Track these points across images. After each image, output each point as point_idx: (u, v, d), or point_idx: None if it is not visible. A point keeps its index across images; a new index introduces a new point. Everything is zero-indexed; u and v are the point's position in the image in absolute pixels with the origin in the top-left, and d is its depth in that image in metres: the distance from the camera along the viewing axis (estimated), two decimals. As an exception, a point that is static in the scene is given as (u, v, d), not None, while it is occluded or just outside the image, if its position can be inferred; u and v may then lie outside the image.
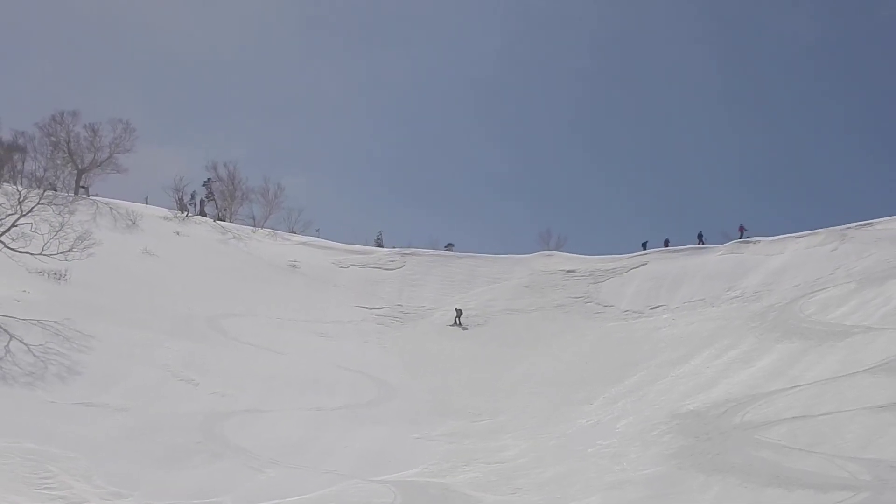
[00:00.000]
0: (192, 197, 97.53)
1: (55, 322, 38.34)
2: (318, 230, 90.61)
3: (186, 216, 74.83)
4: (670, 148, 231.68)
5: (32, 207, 43.14)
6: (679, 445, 30.67)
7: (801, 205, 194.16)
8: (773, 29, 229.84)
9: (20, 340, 35.47)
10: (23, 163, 74.22)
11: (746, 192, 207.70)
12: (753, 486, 24.87)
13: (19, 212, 42.32)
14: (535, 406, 41.30)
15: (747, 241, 63.89)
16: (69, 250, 42.89)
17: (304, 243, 74.34)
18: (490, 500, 27.54)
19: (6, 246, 41.39)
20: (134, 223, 64.34)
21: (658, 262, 63.43)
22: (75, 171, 76.31)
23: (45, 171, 59.70)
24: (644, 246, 69.71)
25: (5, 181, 57.68)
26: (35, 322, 37.75)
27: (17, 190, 46.61)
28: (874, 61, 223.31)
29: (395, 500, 27.03)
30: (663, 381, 41.44)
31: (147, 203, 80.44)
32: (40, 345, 35.70)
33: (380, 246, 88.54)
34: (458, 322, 57.19)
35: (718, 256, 61.81)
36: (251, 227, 79.75)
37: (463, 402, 42.62)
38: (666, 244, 68.82)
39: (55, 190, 61.64)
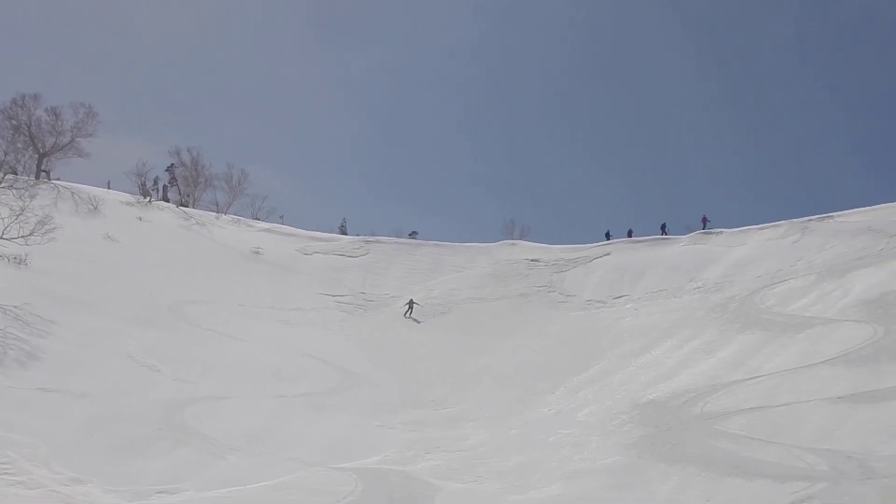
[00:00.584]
0: (155, 182, 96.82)
1: (15, 307, 37.89)
2: (281, 217, 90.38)
3: (149, 202, 74.21)
4: (634, 140, 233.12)
5: (-7, 191, 42.67)
6: (639, 435, 30.85)
7: (763, 197, 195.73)
8: (739, 24, 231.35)
9: (-22, 325, 35.09)
10: (-17, 146, 73.40)
11: (710, 184, 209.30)
12: (712, 476, 25.05)
13: (-21, 195, 41.84)
14: (497, 395, 41.41)
15: (710, 233, 64.28)
16: (30, 234, 42.46)
17: (267, 230, 74.01)
18: (451, 488, 27.56)
19: (-34, 230, 40.94)
20: (96, 208, 63.75)
21: (621, 253, 63.70)
22: (36, 155, 75.40)
23: (5, 154, 58.76)
24: (608, 236, 70.01)
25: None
26: (-6, 306, 37.35)
27: (-23, 174, 46.08)
28: (839, 56, 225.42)
29: (357, 487, 26.97)
30: (625, 371, 41.66)
31: (109, 188, 79.63)
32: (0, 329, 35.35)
33: (344, 233, 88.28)
34: (409, 314, 56.68)
35: (681, 247, 62.18)
36: (214, 214, 79.28)
37: (425, 390, 42.65)
38: (629, 234, 69.18)
39: (16, 174, 60.92)
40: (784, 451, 25.84)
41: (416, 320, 54.58)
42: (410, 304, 56.62)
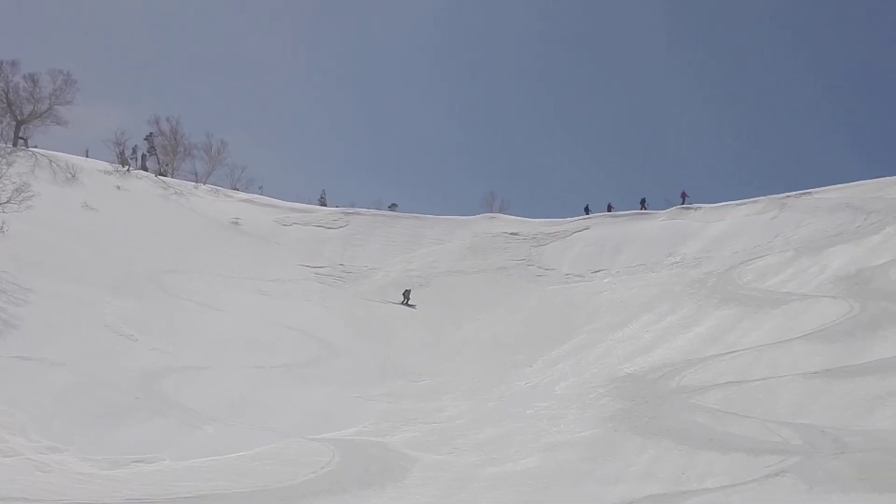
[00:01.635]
0: (134, 151, 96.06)
1: (-9, 275, 37.70)
2: (260, 187, 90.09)
3: (127, 170, 73.48)
4: (615, 114, 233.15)
5: (-31, 158, 42.28)
6: (616, 408, 31.01)
7: (742, 173, 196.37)
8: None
9: (-46, 293, 34.89)
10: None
11: (690, 159, 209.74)
12: (688, 450, 25.22)
13: (-45, 162, 41.46)
14: (474, 368, 41.51)
15: (689, 208, 64.34)
16: (6, 202, 42.15)
17: (246, 200, 73.63)
18: (428, 460, 27.64)
19: (-59, 197, 40.58)
20: (74, 176, 63.19)
21: (600, 227, 63.77)
22: (14, 122, 74.57)
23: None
24: (587, 210, 69.99)
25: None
26: (-30, 275, 37.12)
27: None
28: (819, 32, 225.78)
29: (334, 458, 27.03)
30: (602, 345, 41.83)
31: (87, 156, 79.02)
32: (-25, 298, 35.13)
33: (323, 205, 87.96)
34: (406, 302, 55.25)
35: (660, 222, 62.28)
36: (193, 184, 78.69)
37: (403, 362, 42.69)
38: (609, 209, 69.13)
39: (-8, 141, 60.37)
40: (759, 426, 26.03)
41: (411, 306, 54.10)
42: (406, 294, 55.31)
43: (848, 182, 59.71)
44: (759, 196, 61.76)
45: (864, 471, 20.81)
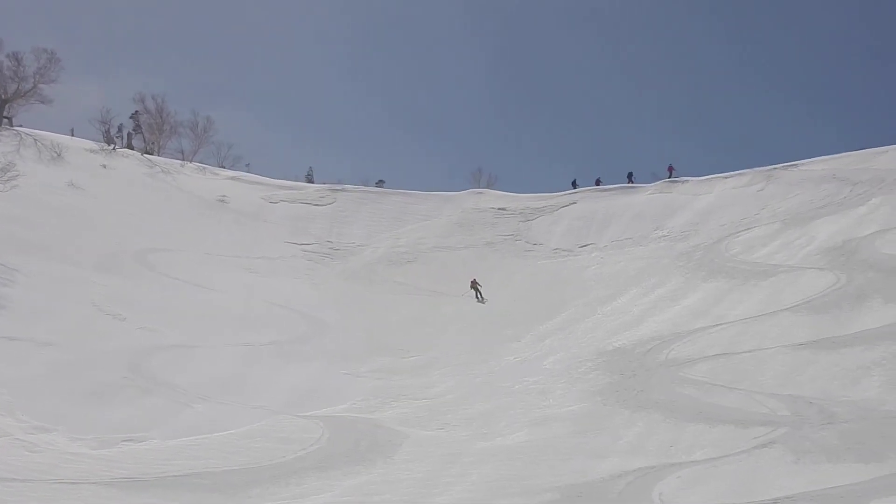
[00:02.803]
0: (120, 130, 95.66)
1: (-23, 255, 37.58)
2: (247, 165, 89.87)
3: (113, 149, 73.21)
4: (602, 87, 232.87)
5: (-47, 138, 42.05)
6: (605, 382, 31.11)
7: (729, 146, 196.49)
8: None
9: (-60, 274, 34.76)
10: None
11: (677, 132, 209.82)
12: (676, 422, 25.35)
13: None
14: (463, 343, 41.55)
15: (676, 181, 64.31)
16: (-8, 181, 42.01)
17: (233, 178, 73.40)
18: (418, 436, 27.71)
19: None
20: (59, 155, 62.86)
21: (587, 202, 63.75)
22: (-2, 101, 74.27)
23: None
24: (574, 184, 69.87)
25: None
26: (-45, 255, 37.00)
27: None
28: (804, 4, 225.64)
29: (324, 434, 27.07)
30: (590, 319, 41.91)
31: (73, 135, 78.59)
32: (-38, 278, 35.02)
33: (310, 182, 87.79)
34: (478, 296, 50.98)
35: (647, 196, 62.28)
36: (179, 162, 78.40)
37: (392, 339, 42.69)
38: (597, 183, 68.97)
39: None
40: (746, 397, 26.17)
41: (481, 300, 50.48)
42: (474, 285, 51.25)
43: (834, 153, 59.86)
44: (745, 168, 61.82)
45: (850, 440, 20.96)
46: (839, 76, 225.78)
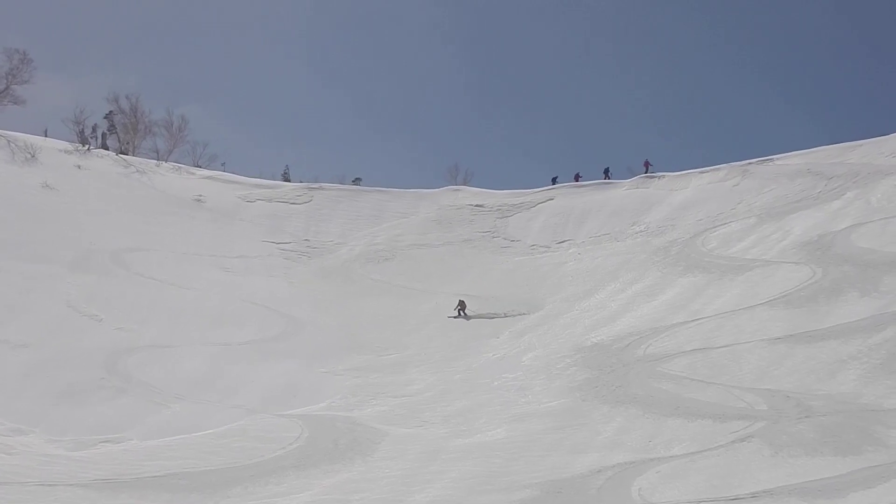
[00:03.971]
0: (94, 130, 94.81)
1: (-50, 256, 37.28)
2: (223, 164, 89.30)
3: (88, 149, 72.57)
4: (577, 82, 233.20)
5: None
6: (583, 378, 31.21)
7: (704, 141, 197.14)
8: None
9: (-87, 276, 34.47)
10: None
11: (652, 127, 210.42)
12: (655, 417, 25.46)
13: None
14: (441, 340, 41.53)
15: (652, 177, 64.37)
16: (-36, 183, 41.66)
17: (209, 177, 72.91)
18: (397, 433, 27.73)
19: None
20: (33, 156, 62.31)
21: (564, 197, 63.76)
22: (-30, 103, 73.61)
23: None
24: (554, 181, 69.80)
25: None
26: (-72, 257, 36.70)
27: None
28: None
29: (303, 433, 27.06)
30: (568, 315, 41.97)
31: (46, 136, 77.97)
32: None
33: (287, 180, 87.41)
34: (462, 314, 46.57)
35: (624, 191, 62.37)
36: (155, 161, 77.83)
37: (370, 336, 42.61)
38: (577, 178, 68.93)
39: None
40: (724, 392, 26.31)
41: (468, 317, 45.97)
42: (462, 305, 46.79)
43: (808, 148, 60.21)
44: (721, 163, 62.03)
45: (827, 434, 21.10)
46: (814, 70, 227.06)
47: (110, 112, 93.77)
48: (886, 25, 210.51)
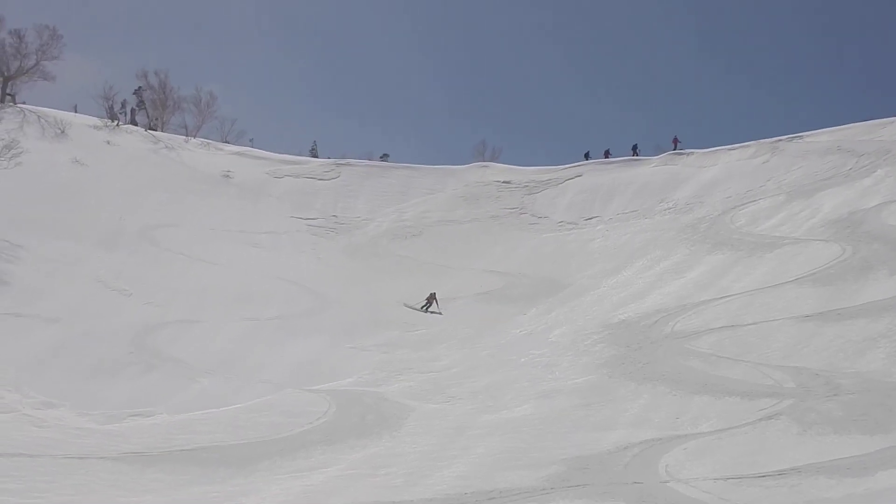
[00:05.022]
0: (123, 106, 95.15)
1: (-18, 232, 37.59)
2: (251, 140, 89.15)
3: (117, 125, 72.83)
4: (606, 59, 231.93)
5: (-43, 116, 41.94)
6: (610, 355, 31.16)
7: (734, 117, 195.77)
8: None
9: (-55, 250, 34.80)
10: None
11: (681, 104, 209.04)
12: (682, 394, 25.40)
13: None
14: (469, 317, 41.56)
15: (681, 154, 64.04)
16: (-4, 159, 41.97)
17: (237, 153, 73.02)
18: (424, 409, 27.79)
19: (-71, 154, 40.29)
20: (63, 132, 62.66)
21: (592, 174, 63.53)
22: (1, 79, 73.97)
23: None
24: (587, 156, 69.56)
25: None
26: (-40, 232, 37.03)
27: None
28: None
29: (330, 408, 27.18)
30: (596, 292, 41.92)
31: (76, 112, 78.29)
32: (-33, 255, 35.06)
33: (314, 156, 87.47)
34: (431, 307, 44.31)
35: (652, 168, 62.06)
36: (183, 137, 78.00)
37: (397, 313, 42.73)
38: (606, 155, 68.66)
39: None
40: (752, 369, 26.20)
41: (438, 313, 43.95)
42: (431, 298, 44.70)
43: (839, 125, 59.64)
44: (750, 140, 61.57)
45: (855, 412, 20.99)
46: (845, 46, 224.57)
47: (139, 88, 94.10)
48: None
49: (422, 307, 44.00)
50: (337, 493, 18.43)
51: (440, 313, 43.24)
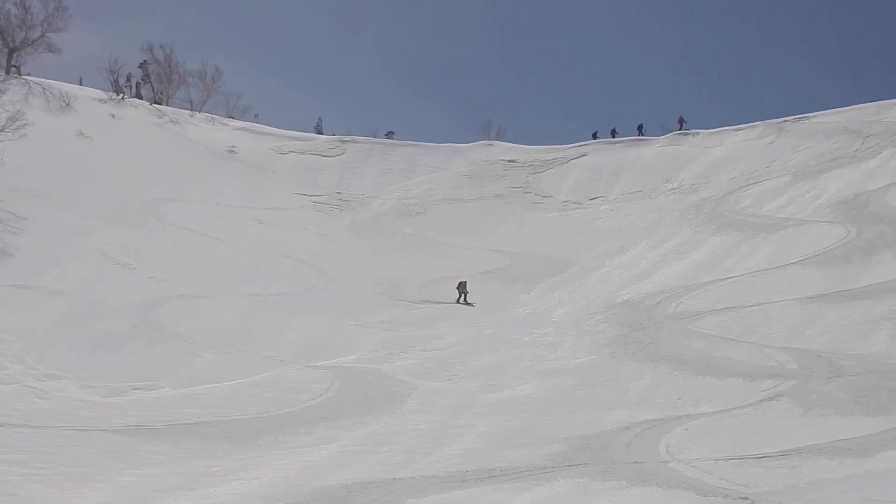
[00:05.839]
0: (128, 79, 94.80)
1: (-14, 204, 37.55)
2: (256, 116, 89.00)
3: (122, 98, 72.70)
4: (611, 39, 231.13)
5: (-38, 87, 41.82)
6: (613, 335, 31.18)
7: (739, 98, 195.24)
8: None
9: (-50, 222, 34.80)
10: (-50, 40, 71.82)
11: (687, 84, 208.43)
12: (684, 375, 25.42)
13: (-52, 90, 41.01)
14: (472, 295, 41.54)
15: (686, 134, 63.84)
16: (1, 130, 41.80)
17: (242, 129, 72.86)
18: (426, 387, 27.84)
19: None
20: (68, 104, 62.54)
21: (597, 154, 63.38)
22: (6, 50, 73.61)
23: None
24: (594, 136, 69.37)
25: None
26: (-35, 204, 37.02)
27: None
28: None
29: (333, 385, 27.22)
30: (600, 272, 41.92)
31: (81, 84, 78.06)
32: (-29, 227, 35.05)
33: (320, 133, 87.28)
34: (463, 300, 42.47)
35: (657, 148, 61.91)
36: (188, 112, 77.86)
37: (401, 290, 42.77)
38: (613, 134, 68.50)
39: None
40: (755, 350, 26.21)
41: (469, 304, 42.00)
42: (462, 289, 42.63)
43: (845, 106, 59.45)
44: (756, 121, 61.38)
45: (858, 394, 21.01)
46: (852, 27, 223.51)
47: (145, 62, 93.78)
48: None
49: (457, 300, 42.18)
50: (339, 469, 18.47)
51: (472, 304, 41.48)
